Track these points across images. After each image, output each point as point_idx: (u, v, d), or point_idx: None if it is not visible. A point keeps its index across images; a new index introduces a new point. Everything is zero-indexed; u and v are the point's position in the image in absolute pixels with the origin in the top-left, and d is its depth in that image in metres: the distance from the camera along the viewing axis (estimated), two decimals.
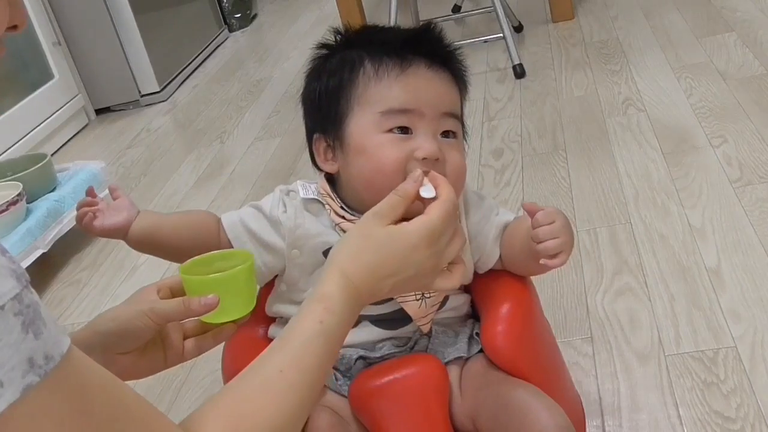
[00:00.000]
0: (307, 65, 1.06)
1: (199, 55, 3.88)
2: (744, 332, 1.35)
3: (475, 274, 1.09)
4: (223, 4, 4.29)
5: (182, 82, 3.64)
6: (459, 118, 1.02)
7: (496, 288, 1.06)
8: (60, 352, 0.52)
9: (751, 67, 2.34)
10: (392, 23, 2.88)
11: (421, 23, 1.05)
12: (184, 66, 3.71)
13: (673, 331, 1.39)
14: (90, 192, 1.09)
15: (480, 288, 1.09)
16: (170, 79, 3.54)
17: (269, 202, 1.05)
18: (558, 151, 2.14)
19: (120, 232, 1.07)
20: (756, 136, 1.96)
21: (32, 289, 0.53)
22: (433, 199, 0.86)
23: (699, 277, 1.51)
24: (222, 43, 4.17)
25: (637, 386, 1.29)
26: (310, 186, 1.04)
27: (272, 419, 0.67)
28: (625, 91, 2.41)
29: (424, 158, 0.95)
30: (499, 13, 2.79)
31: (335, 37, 1.04)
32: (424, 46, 1.00)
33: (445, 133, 0.99)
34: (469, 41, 3.07)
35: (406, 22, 3.23)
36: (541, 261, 0.96)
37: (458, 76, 1.03)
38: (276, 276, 1.08)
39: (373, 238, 0.81)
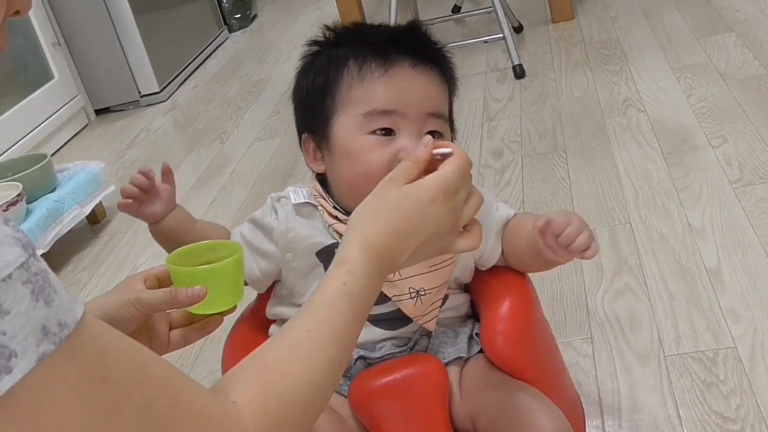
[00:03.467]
0: (298, 62, 1.06)
1: (199, 55, 3.88)
2: (744, 332, 1.35)
3: (475, 272, 1.09)
4: (223, 5, 4.29)
5: (182, 83, 3.64)
6: (445, 118, 1.01)
7: (495, 288, 1.06)
8: (74, 318, 0.51)
9: (750, 67, 2.34)
10: (392, 24, 2.88)
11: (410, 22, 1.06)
12: (184, 66, 3.71)
13: (673, 332, 1.39)
14: (147, 175, 1.07)
15: (479, 288, 1.09)
16: (170, 80, 3.54)
17: (261, 211, 1.06)
18: (558, 152, 2.14)
19: (151, 220, 1.07)
20: (756, 136, 1.96)
21: (39, 257, 0.51)
22: (447, 156, 0.84)
23: (699, 277, 1.51)
24: (222, 43, 4.17)
25: (637, 387, 1.29)
26: (301, 190, 1.04)
27: (303, 376, 0.67)
28: (625, 91, 2.41)
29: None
30: (499, 14, 2.80)
31: (325, 34, 1.04)
32: (408, 45, 0.99)
33: (431, 134, 0.97)
34: (469, 41, 3.07)
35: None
36: (579, 257, 0.95)
37: (446, 75, 1.02)
38: (276, 282, 1.08)
39: (388, 198, 0.80)
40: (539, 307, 1.11)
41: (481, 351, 1.04)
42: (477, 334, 1.05)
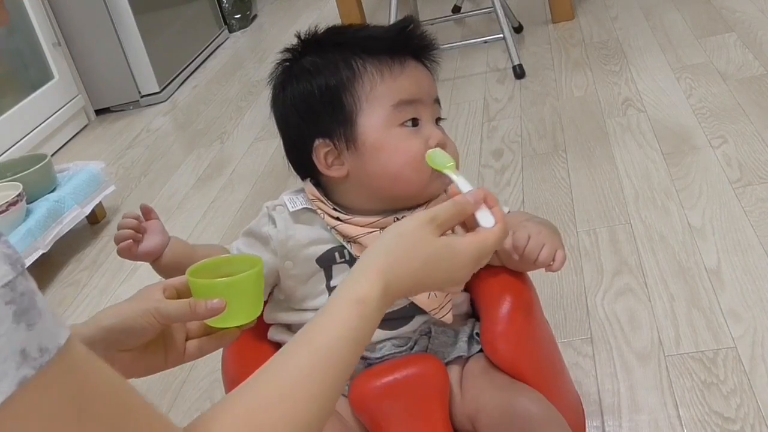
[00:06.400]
0: (276, 74, 1.05)
1: (199, 55, 3.88)
2: (744, 332, 1.35)
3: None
4: (223, 5, 4.29)
5: (182, 83, 3.64)
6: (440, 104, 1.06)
7: (495, 288, 1.06)
8: (57, 344, 0.49)
9: (751, 68, 2.34)
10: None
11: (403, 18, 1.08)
12: (184, 66, 3.71)
13: (673, 332, 1.39)
14: (136, 216, 1.06)
15: (479, 287, 1.09)
16: (170, 80, 3.54)
17: (257, 221, 1.06)
18: (558, 152, 2.14)
19: (151, 257, 1.05)
20: (756, 136, 1.96)
21: (29, 276, 0.49)
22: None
23: (699, 277, 1.51)
24: (222, 43, 4.17)
25: (637, 387, 1.29)
26: (296, 197, 1.04)
27: (291, 424, 0.64)
28: (625, 91, 2.41)
29: (436, 145, 0.99)
30: (499, 14, 2.80)
31: (300, 42, 1.04)
32: (412, 41, 1.03)
33: (439, 119, 1.04)
34: (469, 42, 3.07)
35: None
36: (547, 271, 0.99)
37: (431, 66, 1.06)
38: (274, 286, 1.08)
39: (425, 245, 0.79)
40: (539, 308, 1.11)
41: (481, 350, 1.04)
42: (477, 333, 1.05)
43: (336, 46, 1.02)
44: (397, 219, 1.00)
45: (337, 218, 1.01)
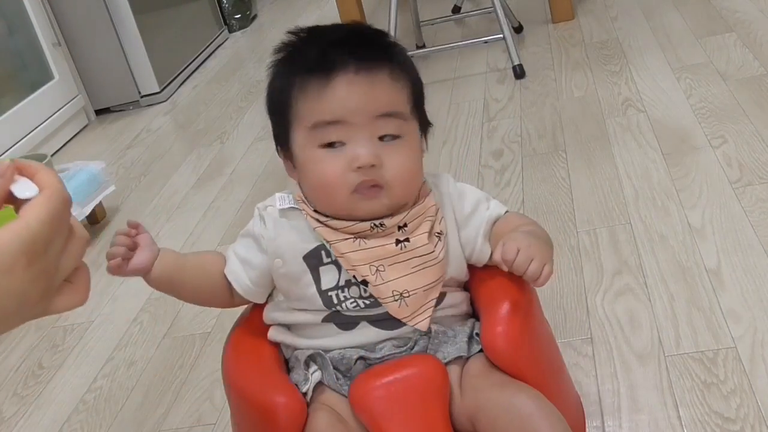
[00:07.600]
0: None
1: (199, 55, 3.88)
2: (744, 332, 1.35)
3: (475, 271, 1.09)
4: (223, 5, 4.30)
5: (182, 83, 3.64)
6: (403, 116, 0.99)
7: (495, 288, 1.06)
8: None
9: (751, 68, 2.34)
10: (392, 24, 2.88)
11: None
12: (184, 66, 3.71)
13: (673, 332, 1.39)
14: (129, 233, 1.02)
15: (479, 287, 1.09)
16: (170, 80, 3.55)
17: (251, 223, 1.07)
18: (558, 152, 2.14)
19: (142, 271, 1.04)
20: (756, 136, 1.96)
21: None
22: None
23: (699, 277, 1.51)
24: (222, 43, 4.17)
25: (636, 387, 1.29)
26: (286, 196, 1.06)
27: None
28: (625, 91, 2.41)
29: (359, 167, 0.95)
30: (499, 14, 2.80)
31: (291, 40, 1.04)
32: (351, 49, 0.97)
33: (381, 139, 0.97)
34: (469, 42, 3.07)
35: (406, 22, 3.23)
36: (534, 286, 1.00)
37: (399, 69, 0.99)
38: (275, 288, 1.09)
39: None
40: (539, 308, 1.11)
41: (481, 350, 1.04)
42: (477, 333, 1.05)
43: (294, 53, 1.02)
44: (375, 226, 1.00)
45: (318, 220, 1.02)
